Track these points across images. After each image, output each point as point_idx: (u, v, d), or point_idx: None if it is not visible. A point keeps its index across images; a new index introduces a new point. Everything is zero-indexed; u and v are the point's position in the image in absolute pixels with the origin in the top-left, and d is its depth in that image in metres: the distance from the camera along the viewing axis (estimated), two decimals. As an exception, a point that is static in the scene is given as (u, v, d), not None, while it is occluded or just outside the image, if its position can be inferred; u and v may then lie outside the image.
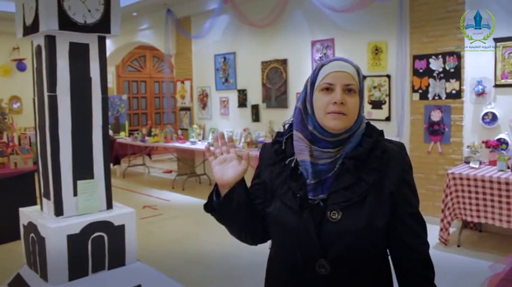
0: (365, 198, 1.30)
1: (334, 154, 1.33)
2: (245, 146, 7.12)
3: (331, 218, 1.29)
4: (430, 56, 5.40)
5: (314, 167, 1.33)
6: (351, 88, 1.32)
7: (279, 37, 7.09)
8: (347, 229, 1.28)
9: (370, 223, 1.29)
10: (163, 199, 7.35)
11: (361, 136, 1.36)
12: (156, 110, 12.82)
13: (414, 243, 1.36)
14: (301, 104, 1.38)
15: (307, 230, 1.30)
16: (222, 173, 1.36)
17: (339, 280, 1.31)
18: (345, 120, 1.30)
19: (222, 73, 8.10)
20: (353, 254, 1.30)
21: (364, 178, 1.31)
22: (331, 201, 1.30)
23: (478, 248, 4.69)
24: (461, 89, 5.22)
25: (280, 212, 1.36)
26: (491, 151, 4.87)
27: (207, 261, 4.54)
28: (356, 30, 6.11)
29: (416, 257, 1.36)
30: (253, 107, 7.59)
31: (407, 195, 1.37)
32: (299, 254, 1.33)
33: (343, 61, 1.35)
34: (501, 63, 4.93)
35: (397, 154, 1.36)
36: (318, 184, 1.33)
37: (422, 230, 1.39)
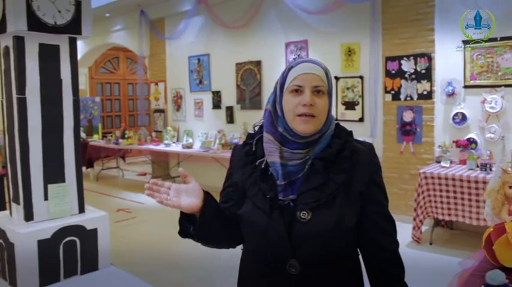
0: (334, 198, 1.31)
1: (304, 155, 1.34)
2: (219, 147, 7.09)
3: (300, 218, 1.29)
4: (401, 57, 5.49)
5: (284, 168, 1.33)
6: (320, 90, 1.32)
7: (253, 39, 7.10)
8: (317, 229, 1.29)
9: (340, 222, 1.30)
10: (138, 202, 7.27)
11: (330, 137, 1.37)
12: (130, 112, 12.68)
13: (384, 242, 1.38)
14: (271, 106, 1.39)
15: (278, 230, 1.31)
16: (185, 205, 1.32)
17: (310, 279, 1.32)
18: (314, 122, 1.31)
19: (196, 75, 8.07)
20: (323, 253, 1.31)
21: (333, 178, 1.32)
22: (301, 201, 1.30)
23: (449, 245, 4.77)
24: (432, 90, 5.32)
25: (251, 213, 1.36)
26: (462, 150, 4.97)
27: (182, 264, 4.51)
28: (329, 32, 6.17)
29: (386, 256, 1.38)
30: (227, 109, 7.57)
31: (377, 194, 1.39)
32: (270, 255, 1.34)
33: (311, 63, 1.36)
34: (470, 64, 5.04)
35: (366, 155, 1.38)
36: (288, 184, 1.34)
37: (391, 229, 1.41)
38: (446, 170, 4.66)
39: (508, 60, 4.82)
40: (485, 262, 2.02)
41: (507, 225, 1.95)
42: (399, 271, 1.39)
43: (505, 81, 4.83)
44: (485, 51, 4.94)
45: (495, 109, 4.86)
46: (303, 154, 1.33)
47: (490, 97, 4.89)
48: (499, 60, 4.87)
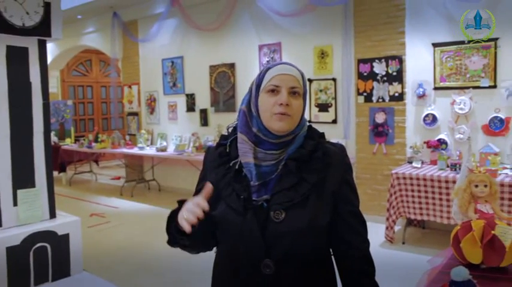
0: (307, 198, 1.32)
1: (277, 156, 1.35)
2: (194, 150, 7.06)
3: (274, 218, 1.31)
4: (373, 59, 5.57)
5: (258, 168, 1.34)
6: (296, 91, 1.35)
7: (226, 41, 7.10)
8: (290, 229, 1.30)
9: (313, 222, 1.32)
10: (112, 207, 7.18)
11: (303, 138, 1.39)
12: (103, 115, 12.51)
13: (355, 241, 1.40)
14: (246, 106, 1.40)
15: (252, 230, 1.31)
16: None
17: (284, 279, 1.32)
18: (289, 121, 1.33)
19: (170, 77, 8.02)
20: (297, 253, 1.32)
21: (306, 178, 1.33)
22: (274, 201, 1.32)
23: (421, 244, 4.86)
24: (404, 91, 5.41)
25: (225, 214, 1.36)
26: (432, 151, 5.07)
27: (157, 268, 4.47)
28: (302, 35, 6.21)
29: (357, 255, 1.40)
30: (201, 112, 7.55)
31: (348, 194, 1.41)
32: (244, 255, 1.34)
33: (288, 65, 1.39)
34: (439, 67, 5.15)
35: (337, 155, 1.40)
36: (262, 185, 1.35)
37: (362, 228, 1.43)
38: (418, 170, 4.74)
39: (476, 62, 4.94)
40: (453, 260, 2.07)
41: (473, 223, 1.99)
42: (370, 269, 1.40)
43: (473, 83, 4.95)
44: (454, 54, 5.05)
45: (464, 110, 4.97)
46: (276, 154, 1.35)
47: (459, 99, 4.99)
48: (467, 63, 4.99)
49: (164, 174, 8.18)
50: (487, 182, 2.06)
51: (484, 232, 1.96)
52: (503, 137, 4.83)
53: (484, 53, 4.88)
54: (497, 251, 1.92)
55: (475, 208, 2.05)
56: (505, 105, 4.81)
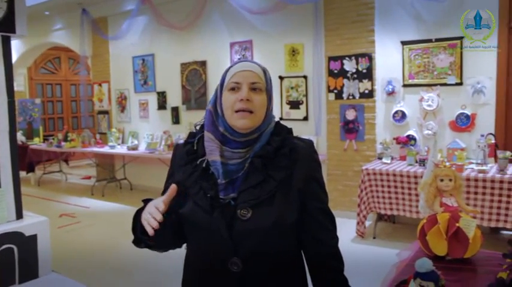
0: (274, 195, 1.32)
1: (244, 154, 1.35)
2: (165, 149, 7.01)
3: (241, 216, 1.30)
4: (344, 57, 5.63)
5: (224, 167, 1.34)
6: (257, 87, 1.34)
7: (198, 39, 7.07)
8: (257, 226, 1.30)
9: (280, 219, 1.32)
10: (82, 206, 7.06)
11: (269, 135, 1.38)
12: (73, 114, 12.28)
13: (323, 237, 1.41)
14: (212, 106, 1.40)
15: (219, 229, 1.31)
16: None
17: (252, 277, 1.33)
18: (252, 118, 1.32)
19: (140, 75, 7.93)
20: (264, 251, 1.33)
21: (272, 175, 1.33)
22: (241, 200, 1.31)
23: (392, 238, 4.94)
24: (373, 88, 5.49)
25: (192, 212, 1.36)
26: (402, 147, 5.16)
27: (129, 268, 4.42)
28: (273, 32, 6.23)
29: (327, 251, 1.41)
30: (173, 110, 7.50)
31: (316, 191, 1.42)
32: (211, 253, 1.35)
33: (249, 62, 1.39)
34: (408, 64, 5.24)
35: (305, 151, 1.40)
36: (229, 183, 1.34)
37: (331, 225, 1.44)
38: (388, 166, 4.82)
39: (443, 60, 5.04)
40: (420, 252, 2.11)
41: (439, 216, 2.04)
42: (339, 264, 1.42)
43: (440, 80, 5.06)
44: (422, 52, 5.15)
45: (432, 107, 5.07)
46: (242, 153, 1.35)
47: (427, 95, 5.09)
48: (435, 61, 5.09)
49: (136, 173, 8.09)
50: (451, 176, 2.11)
51: (449, 224, 2.01)
52: (469, 133, 4.95)
53: (451, 51, 4.99)
54: (462, 243, 1.98)
55: (441, 201, 2.10)
56: (470, 102, 4.93)
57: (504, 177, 4.12)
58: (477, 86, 4.88)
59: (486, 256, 2.03)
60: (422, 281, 1.22)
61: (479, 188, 4.21)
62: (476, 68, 4.88)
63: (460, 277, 1.84)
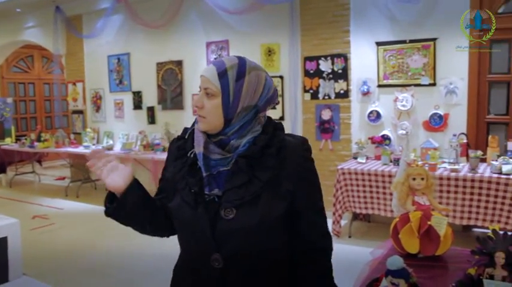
0: (259, 196, 1.31)
1: (222, 152, 1.34)
2: (141, 149, 6.95)
3: (224, 215, 1.30)
4: (319, 57, 5.67)
5: (206, 159, 1.34)
6: (208, 92, 1.34)
7: (174, 38, 7.02)
8: (240, 227, 1.30)
9: (264, 220, 1.30)
10: (56, 208, 6.94)
11: (257, 134, 1.36)
12: (47, 113, 12.05)
13: (314, 238, 1.40)
14: None
15: (201, 225, 1.32)
16: (113, 181, 1.35)
17: (234, 274, 1.33)
18: (205, 123, 1.35)
19: (116, 74, 7.84)
20: (247, 250, 1.32)
21: (258, 176, 1.31)
22: (226, 199, 1.31)
23: (367, 237, 4.99)
24: (349, 89, 5.54)
25: (179, 207, 1.38)
26: (377, 147, 5.22)
27: (104, 270, 4.36)
28: (250, 32, 6.24)
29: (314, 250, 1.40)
30: (148, 109, 7.44)
31: (306, 191, 1.39)
32: (196, 247, 1.37)
33: (212, 64, 1.36)
34: (383, 65, 5.31)
35: (295, 149, 1.37)
36: (212, 178, 1.34)
37: (322, 225, 1.43)
38: (363, 165, 4.87)
39: (417, 61, 5.12)
40: (392, 250, 2.14)
41: (411, 215, 2.07)
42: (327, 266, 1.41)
43: (414, 81, 5.14)
44: (396, 52, 5.22)
45: (406, 107, 5.14)
46: (219, 149, 1.34)
47: (401, 96, 5.17)
48: (409, 61, 5.17)
49: (111, 173, 7.98)
50: (423, 175, 2.14)
51: (420, 222, 2.04)
52: (442, 132, 5.04)
53: (424, 52, 5.07)
54: (433, 241, 2.01)
55: (413, 200, 2.13)
56: (443, 102, 5.02)
57: (475, 176, 4.21)
58: (450, 87, 4.97)
59: (457, 253, 2.07)
60: (393, 279, 1.24)
61: (451, 187, 4.29)
62: (448, 69, 4.98)
63: (431, 274, 1.87)
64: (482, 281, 1.28)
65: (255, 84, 1.36)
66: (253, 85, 1.35)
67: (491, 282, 1.26)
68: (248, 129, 1.36)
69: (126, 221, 1.46)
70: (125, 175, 1.37)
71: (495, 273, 1.28)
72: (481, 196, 4.18)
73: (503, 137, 4.88)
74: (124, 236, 5.32)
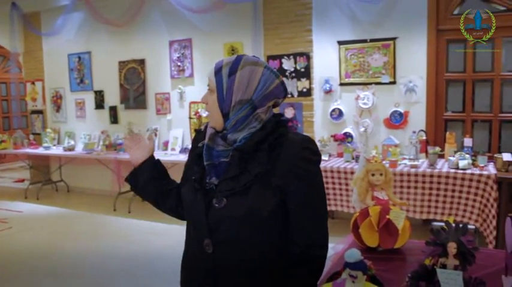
0: (249, 188, 1.37)
1: (223, 144, 1.43)
2: (103, 149, 6.83)
3: (216, 204, 1.40)
4: (282, 56, 5.72)
5: (208, 150, 1.44)
6: (210, 88, 1.45)
7: (136, 37, 6.93)
8: (229, 215, 1.38)
9: (252, 211, 1.36)
10: (15, 211, 6.73)
11: (255, 130, 1.39)
12: (4, 114, 11.63)
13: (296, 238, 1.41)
14: None
15: (198, 211, 1.43)
16: (133, 155, 1.66)
17: (223, 262, 1.41)
18: (209, 118, 1.47)
19: (77, 73, 7.67)
20: (236, 239, 1.40)
21: (249, 169, 1.38)
22: (219, 189, 1.41)
23: (331, 233, 4.83)
24: (311, 87, 5.61)
25: (186, 193, 1.52)
26: (339, 144, 5.31)
27: (66, 273, 4.28)
28: (213, 31, 6.22)
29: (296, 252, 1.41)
30: (111, 109, 7.32)
31: (297, 189, 1.38)
32: (193, 233, 1.49)
33: (216, 63, 1.46)
34: (344, 64, 5.39)
35: (292, 147, 1.38)
36: (212, 167, 1.43)
37: (310, 225, 1.41)
38: (325, 163, 4.93)
39: (377, 60, 5.23)
40: (353, 245, 2.19)
41: (370, 209, 2.12)
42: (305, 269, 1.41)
43: (375, 79, 5.25)
44: (358, 51, 5.32)
45: (367, 105, 5.25)
46: (223, 142, 1.43)
47: (362, 94, 5.27)
48: (369, 60, 5.27)
49: (73, 174, 7.82)
50: (382, 170, 2.19)
51: (380, 217, 2.09)
52: (402, 129, 5.17)
53: (384, 51, 5.18)
54: (392, 234, 2.06)
55: (372, 195, 2.18)
56: (403, 100, 5.15)
57: (434, 171, 4.33)
58: (409, 85, 5.10)
59: (415, 246, 2.13)
60: (352, 271, 1.27)
61: (411, 182, 4.40)
62: (408, 67, 5.11)
63: (390, 267, 1.92)
64: (436, 270, 1.33)
65: (247, 78, 1.38)
66: (245, 80, 1.38)
67: (444, 271, 1.31)
68: (244, 124, 1.40)
69: (140, 193, 1.70)
70: (144, 151, 1.65)
71: (448, 262, 1.33)
72: (439, 190, 4.31)
73: (460, 134, 5.05)
74: (86, 238, 5.23)
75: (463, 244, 1.33)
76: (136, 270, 4.23)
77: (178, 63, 6.56)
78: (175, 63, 6.58)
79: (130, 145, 1.67)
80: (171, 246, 4.60)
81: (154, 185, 1.64)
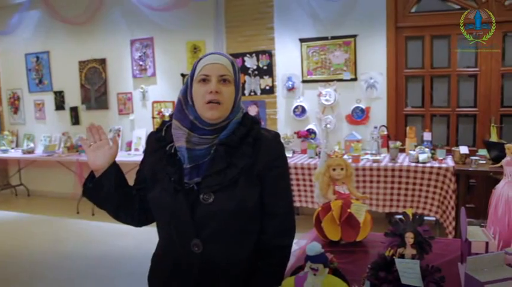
0: (236, 181, 1.41)
1: (211, 140, 1.44)
2: (65, 151, 6.67)
3: (203, 200, 1.40)
4: (245, 54, 5.73)
5: (190, 152, 1.43)
6: (226, 79, 1.43)
7: (96, 36, 6.79)
8: (219, 210, 1.39)
9: (241, 204, 1.41)
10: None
11: (236, 125, 1.46)
12: (-41, 117, 11.26)
13: (265, 226, 1.50)
14: (182, 95, 1.49)
15: (182, 212, 1.40)
16: (95, 159, 1.48)
17: (212, 257, 1.42)
18: (220, 109, 1.41)
19: (35, 74, 7.46)
20: (225, 233, 1.42)
21: (235, 163, 1.42)
22: (205, 184, 1.40)
23: (297, 229, 5.08)
24: (274, 85, 5.64)
25: (159, 196, 1.46)
26: (303, 141, 5.36)
27: (28, 279, 4.16)
28: (175, 30, 6.17)
29: (264, 241, 1.50)
30: (72, 110, 7.15)
31: (273, 181, 1.48)
32: (175, 235, 1.44)
33: (218, 54, 1.46)
34: (306, 61, 5.45)
35: (269, 142, 1.48)
36: (194, 168, 1.43)
37: (281, 215, 1.52)
38: (290, 159, 4.97)
39: (338, 57, 5.31)
40: (316, 239, 2.21)
41: (332, 204, 2.15)
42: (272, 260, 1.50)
43: (337, 76, 5.32)
44: (319, 49, 5.38)
45: (329, 101, 5.32)
46: (210, 139, 1.43)
47: (324, 91, 5.33)
48: (331, 57, 5.34)
49: (33, 178, 7.61)
50: (343, 165, 2.22)
51: (341, 211, 2.12)
52: (364, 125, 5.26)
53: (345, 49, 5.26)
54: (353, 227, 2.10)
55: (334, 189, 2.21)
56: (364, 97, 5.25)
57: (395, 165, 4.43)
58: (370, 81, 5.20)
59: (376, 238, 2.17)
60: (313, 264, 1.29)
61: (374, 177, 4.48)
62: (369, 64, 5.20)
63: (352, 259, 1.95)
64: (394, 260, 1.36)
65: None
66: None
67: (402, 260, 1.34)
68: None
69: (100, 204, 1.54)
70: (108, 155, 1.49)
71: (405, 252, 1.37)
72: (401, 184, 4.41)
73: (420, 128, 5.18)
74: (48, 242, 5.11)
75: (420, 234, 1.36)
76: (100, 271, 4.16)
77: (140, 63, 6.47)
78: (137, 62, 6.49)
79: (88, 142, 1.49)
80: (135, 247, 4.55)
81: (119, 193, 1.51)
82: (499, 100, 4.95)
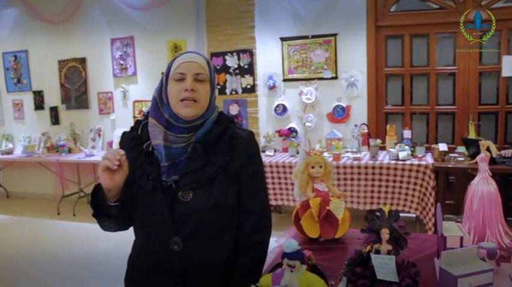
0: (214, 179, 1.43)
1: (187, 139, 1.44)
2: (45, 151, 6.59)
3: (182, 198, 1.41)
4: (226, 53, 5.72)
5: (167, 150, 1.43)
6: (201, 77, 1.44)
7: (76, 35, 6.71)
8: (198, 208, 1.41)
9: (219, 201, 1.43)
10: None
11: (212, 123, 1.47)
12: None
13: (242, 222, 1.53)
14: (157, 94, 1.48)
15: (160, 210, 1.40)
16: (111, 179, 1.36)
17: (192, 255, 1.42)
18: (196, 107, 1.42)
19: (13, 73, 7.34)
20: (205, 230, 1.43)
21: (213, 160, 1.44)
22: (183, 182, 1.41)
23: (278, 228, 4.96)
24: (255, 83, 5.65)
25: (137, 194, 1.45)
26: (284, 139, 5.38)
27: (6, 279, 4.10)
28: (156, 29, 6.13)
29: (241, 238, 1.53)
30: (51, 109, 7.05)
31: (249, 178, 1.51)
32: (154, 233, 1.44)
33: (194, 53, 1.47)
34: (287, 60, 5.47)
35: (245, 140, 1.51)
36: (172, 166, 1.43)
37: (258, 213, 1.55)
38: (271, 158, 4.99)
39: (319, 56, 5.34)
40: (295, 237, 2.22)
41: (311, 201, 2.16)
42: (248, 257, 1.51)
43: (318, 75, 5.35)
44: (300, 48, 5.40)
45: (311, 100, 5.34)
46: (186, 137, 1.44)
47: (306, 89, 5.36)
48: (312, 56, 5.36)
49: (12, 179, 7.48)
50: (322, 163, 2.23)
51: (320, 208, 2.14)
52: (345, 123, 5.30)
53: (326, 47, 5.29)
54: (332, 224, 2.11)
55: (313, 187, 2.22)
56: (345, 95, 5.28)
57: (375, 163, 4.47)
58: (350, 80, 5.24)
59: (355, 235, 2.18)
60: (290, 261, 1.30)
61: (354, 174, 4.52)
62: (349, 63, 5.24)
63: (331, 256, 1.97)
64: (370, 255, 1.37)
65: None
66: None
67: (378, 256, 1.36)
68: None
69: (116, 219, 1.46)
70: (123, 175, 1.38)
71: (381, 248, 1.38)
72: (381, 181, 4.46)
73: (400, 126, 5.23)
74: (28, 243, 5.04)
75: (396, 230, 1.38)
76: (82, 272, 4.13)
77: (120, 62, 6.42)
78: (118, 61, 6.44)
79: (111, 167, 1.34)
80: (117, 248, 4.50)
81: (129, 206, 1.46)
82: (477, 98, 5.03)
